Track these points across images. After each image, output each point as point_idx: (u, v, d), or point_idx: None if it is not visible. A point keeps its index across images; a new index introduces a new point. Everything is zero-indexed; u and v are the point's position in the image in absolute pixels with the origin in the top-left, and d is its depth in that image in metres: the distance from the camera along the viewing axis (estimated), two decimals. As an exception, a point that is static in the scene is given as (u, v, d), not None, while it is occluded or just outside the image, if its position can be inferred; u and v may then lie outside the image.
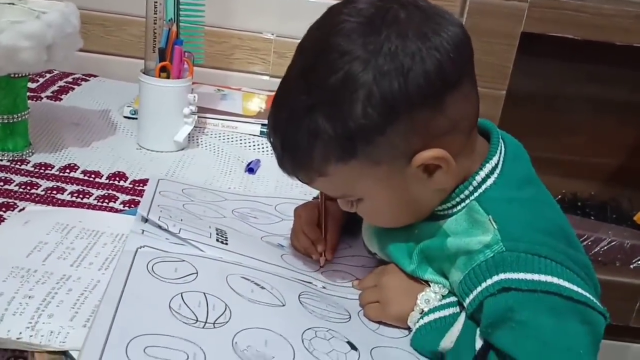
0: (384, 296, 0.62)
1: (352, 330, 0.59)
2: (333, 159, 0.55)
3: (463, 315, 0.57)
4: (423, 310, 0.59)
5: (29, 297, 0.54)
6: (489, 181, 0.58)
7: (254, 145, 1.04)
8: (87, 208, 0.76)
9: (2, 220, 0.69)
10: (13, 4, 0.81)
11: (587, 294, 0.53)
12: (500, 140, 0.61)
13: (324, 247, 0.70)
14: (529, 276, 0.52)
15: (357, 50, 0.52)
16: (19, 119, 0.86)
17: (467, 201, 0.58)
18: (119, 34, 1.30)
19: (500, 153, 0.60)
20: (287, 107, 0.57)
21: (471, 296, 0.55)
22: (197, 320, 0.53)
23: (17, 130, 0.86)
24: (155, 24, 0.99)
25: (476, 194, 0.58)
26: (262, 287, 0.60)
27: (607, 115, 1.50)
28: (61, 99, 1.12)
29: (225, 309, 0.55)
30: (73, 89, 1.17)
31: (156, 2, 0.97)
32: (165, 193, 0.76)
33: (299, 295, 0.61)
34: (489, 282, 0.53)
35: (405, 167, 0.56)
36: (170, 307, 0.53)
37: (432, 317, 0.58)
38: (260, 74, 1.34)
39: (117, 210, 0.77)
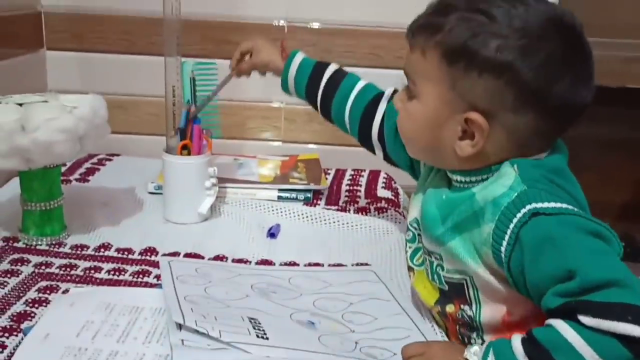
0: None
1: None
2: (440, 51, 0.64)
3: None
4: None
5: (83, 374, 0.58)
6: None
7: (273, 210, 1.09)
8: (124, 285, 0.81)
9: (48, 302, 0.74)
10: (46, 101, 0.88)
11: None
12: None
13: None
14: (552, 204, 0.60)
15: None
16: (55, 205, 0.92)
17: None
18: (137, 114, 1.39)
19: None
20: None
21: (506, 237, 0.61)
22: None
23: (53, 216, 0.92)
24: (174, 105, 1.06)
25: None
26: None
27: (611, 153, 1.55)
28: (89, 180, 1.19)
29: None
30: (99, 169, 1.25)
31: (174, 87, 1.05)
32: (182, 278, 0.79)
33: None
34: (519, 215, 0.61)
35: (457, 113, 0.65)
36: None
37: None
38: (272, 141, 1.41)
39: (152, 285, 0.82)
